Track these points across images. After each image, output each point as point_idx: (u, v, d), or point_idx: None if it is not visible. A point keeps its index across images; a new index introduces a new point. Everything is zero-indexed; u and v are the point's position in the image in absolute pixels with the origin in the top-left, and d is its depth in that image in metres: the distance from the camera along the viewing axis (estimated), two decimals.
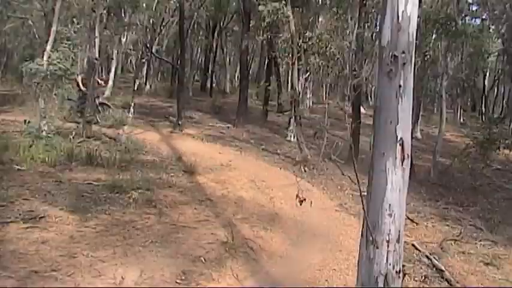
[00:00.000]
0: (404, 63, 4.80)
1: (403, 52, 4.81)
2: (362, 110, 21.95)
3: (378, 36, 5.13)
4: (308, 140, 18.22)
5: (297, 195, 11.32)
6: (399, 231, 4.91)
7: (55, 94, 14.96)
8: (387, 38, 4.86)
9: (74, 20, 18.61)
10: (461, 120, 43.65)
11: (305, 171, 15.80)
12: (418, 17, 5.12)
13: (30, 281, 6.59)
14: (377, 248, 4.87)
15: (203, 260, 7.99)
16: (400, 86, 4.77)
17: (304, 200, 11.40)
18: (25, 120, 15.06)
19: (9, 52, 38.57)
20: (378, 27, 23.04)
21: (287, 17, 18.72)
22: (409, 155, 4.88)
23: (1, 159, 12.06)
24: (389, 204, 4.82)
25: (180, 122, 21.63)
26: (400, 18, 4.82)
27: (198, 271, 7.60)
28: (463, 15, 20.94)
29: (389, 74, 4.78)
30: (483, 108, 43.91)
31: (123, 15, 33.74)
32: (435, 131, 23.82)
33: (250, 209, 11.29)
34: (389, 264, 4.87)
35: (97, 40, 20.68)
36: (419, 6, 17.33)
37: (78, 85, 17.61)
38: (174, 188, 11.95)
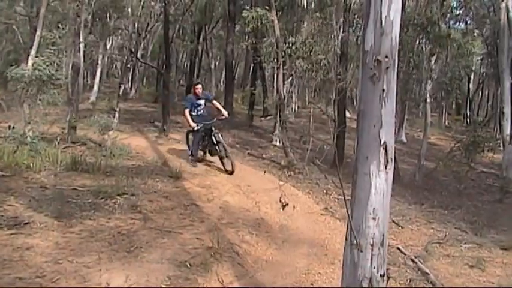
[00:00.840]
0: (387, 68, 4.82)
1: (386, 56, 4.84)
2: (347, 114, 22.01)
3: (361, 40, 5.15)
4: (293, 144, 18.26)
5: (280, 200, 11.37)
6: (383, 234, 4.94)
7: (40, 99, 14.89)
8: (370, 42, 4.89)
9: (59, 25, 18.58)
10: (446, 123, 43.89)
11: (290, 175, 15.80)
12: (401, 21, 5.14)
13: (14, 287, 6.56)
14: (361, 251, 4.90)
15: (188, 265, 7.97)
16: (383, 90, 4.80)
17: (287, 204, 11.43)
18: (9, 126, 14.97)
19: None
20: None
21: (271, 22, 18.77)
22: (393, 158, 4.91)
23: None
24: (373, 208, 4.85)
25: (165, 127, 21.61)
26: (383, 23, 4.85)
27: (184, 276, 7.59)
28: (446, 19, 21.03)
29: (373, 78, 4.81)
30: (468, 112, 44.10)
31: (108, 20, 33.70)
32: (420, 134, 23.93)
33: (235, 213, 11.29)
34: (374, 268, 4.90)
35: (82, 45, 20.65)
36: (403, 10, 17.39)
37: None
38: (159, 193, 11.92)
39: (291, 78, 21.97)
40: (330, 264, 9.01)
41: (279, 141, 20.63)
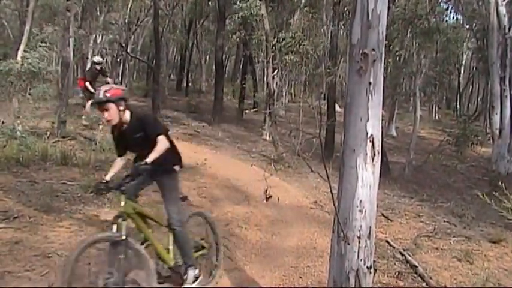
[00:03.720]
0: (374, 61, 4.86)
1: (373, 49, 4.88)
2: (337, 107, 22.04)
3: (348, 33, 5.18)
4: (283, 138, 18.28)
5: (265, 192, 11.34)
6: (370, 227, 4.97)
7: (29, 94, 14.84)
8: (357, 35, 4.93)
9: (49, 22, 18.53)
10: (437, 117, 44.00)
11: (280, 169, 15.83)
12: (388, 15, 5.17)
13: (3, 281, 6.54)
14: (348, 244, 4.93)
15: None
16: (370, 83, 4.84)
17: (271, 196, 11.42)
18: None
19: None
20: None
21: (261, 15, 18.80)
22: (379, 151, 4.95)
23: None
24: (360, 201, 4.88)
25: None
26: (369, 16, 4.89)
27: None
28: (436, 13, 21.07)
29: (359, 71, 4.85)
30: (458, 106, 44.21)
31: (98, 14, 33.61)
32: (411, 128, 23.98)
33: (225, 207, 11.32)
34: (361, 260, 4.94)
35: (71, 40, 20.57)
36: (393, 4, 17.41)
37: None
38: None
39: (281, 72, 21.96)
40: (319, 257, 9.03)
41: (269, 135, 20.64)
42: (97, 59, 20.17)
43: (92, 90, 17.51)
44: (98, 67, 19.30)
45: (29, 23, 16.44)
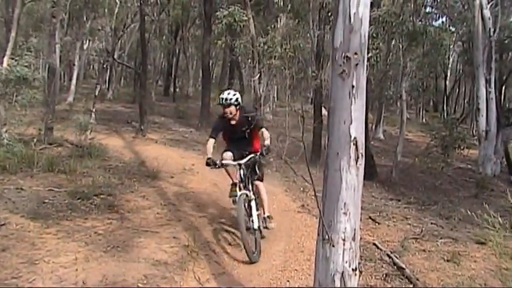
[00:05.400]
0: (356, 64, 4.89)
1: (356, 53, 4.90)
2: (324, 111, 22.08)
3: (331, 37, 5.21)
4: (271, 142, 18.30)
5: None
6: (355, 229, 4.99)
7: (16, 101, 14.81)
8: (340, 39, 4.96)
9: (34, 29, 18.52)
10: (424, 120, 44.23)
11: (267, 173, 15.82)
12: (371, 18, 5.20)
13: None
14: (333, 246, 4.95)
15: (165, 264, 8.01)
16: (353, 87, 4.87)
17: None
18: None
19: None
20: None
21: (246, 21, 18.85)
22: (363, 154, 4.97)
23: None
24: (345, 203, 4.91)
25: (142, 127, 21.58)
26: (352, 20, 4.92)
27: (160, 275, 7.61)
28: (420, 15, 21.17)
29: (342, 74, 4.88)
30: (445, 108, 44.44)
31: (85, 20, 33.60)
32: (398, 131, 24.09)
33: (212, 212, 11.35)
34: (346, 262, 4.96)
35: (58, 46, 20.55)
36: (378, 8, 17.46)
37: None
38: (136, 192, 11.95)
39: (267, 76, 21.98)
40: (306, 261, 9.05)
41: None
42: None
43: None
44: None
45: (14, 30, 16.46)
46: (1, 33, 31.52)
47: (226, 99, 9.55)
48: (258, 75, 19.31)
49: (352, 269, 4.97)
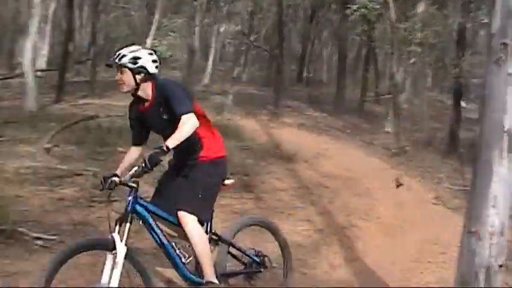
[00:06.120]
0: None
1: None
2: (462, 103, 21.44)
3: (488, 23, 5.01)
4: (406, 131, 17.96)
5: (397, 179, 11.09)
6: (503, 223, 4.80)
7: None
8: (497, 24, 4.75)
9: (176, 10, 18.96)
10: None
11: (402, 162, 15.57)
12: None
13: None
14: (479, 240, 4.78)
15: (300, 246, 8.03)
16: (509, 74, 4.65)
17: (402, 184, 11.19)
18: None
19: (111, 41, 39.60)
20: (483, 17, 22.38)
21: (382, 7, 18.59)
22: None
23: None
24: (494, 196, 4.71)
25: (277, 111, 21.69)
26: (511, 4, 4.70)
27: (295, 257, 7.62)
28: None
29: (498, 61, 4.67)
30: None
31: (222, 4, 34.11)
32: None
33: (346, 197, 11.26)
34: (492, 258, 4.77)
35: (197, 29, 20.95)
36: None
37: None
38: (271, 174, 12.02)
39: (404, 63, 21.59)
40: (441, 254, 8.82)
41: (391, 128, 20.28)
42: None
43: None
44: None
45: (158, 13, 16.87)
46: (142, 16, 32.58)
47: (118, 55, 5.12)
48: (404, 63, 19.02)
49: (499, 265, 4.79)
